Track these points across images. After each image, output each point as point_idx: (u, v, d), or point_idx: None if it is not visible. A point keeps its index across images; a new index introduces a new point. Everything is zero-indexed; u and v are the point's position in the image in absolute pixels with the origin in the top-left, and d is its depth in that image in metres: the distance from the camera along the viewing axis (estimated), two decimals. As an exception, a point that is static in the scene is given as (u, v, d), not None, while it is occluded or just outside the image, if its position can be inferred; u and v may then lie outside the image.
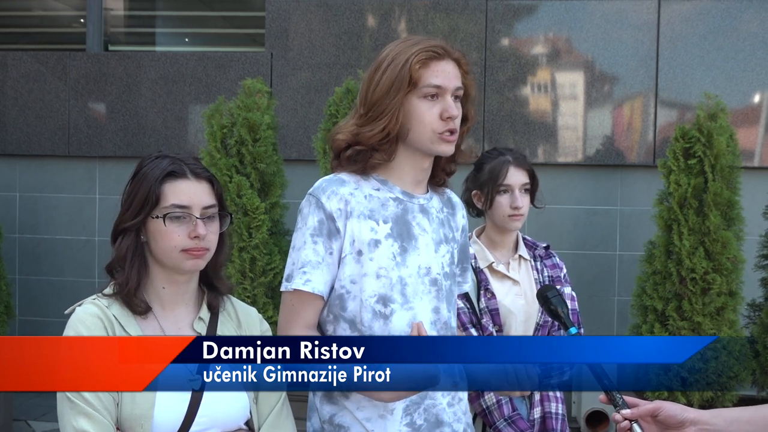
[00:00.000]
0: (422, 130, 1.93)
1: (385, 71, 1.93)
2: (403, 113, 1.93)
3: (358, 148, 1.95)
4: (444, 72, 1.94)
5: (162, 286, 1.86)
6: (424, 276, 1.98)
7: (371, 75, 1.97)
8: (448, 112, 1.92)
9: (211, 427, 1.82)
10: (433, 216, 2.04)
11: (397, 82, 1.91)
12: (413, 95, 1.92)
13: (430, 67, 1.92)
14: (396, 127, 1.92)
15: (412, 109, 1.93)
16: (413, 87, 1.92)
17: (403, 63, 1.91)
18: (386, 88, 1.91)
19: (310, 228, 1.94)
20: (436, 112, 1.93)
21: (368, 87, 1.96)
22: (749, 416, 1.67)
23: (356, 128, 1.95)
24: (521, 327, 2.67)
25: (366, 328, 1.93)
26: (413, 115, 1.93)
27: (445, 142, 1.95)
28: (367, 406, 1.94)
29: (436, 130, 1.93)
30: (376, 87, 1.93)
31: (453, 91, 1.95)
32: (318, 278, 1.93)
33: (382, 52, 1.99)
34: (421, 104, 1.93)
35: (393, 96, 1.91)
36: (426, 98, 1.93)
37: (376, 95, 1.93)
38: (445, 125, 1.93)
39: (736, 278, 4.12)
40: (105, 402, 1.72)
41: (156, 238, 1.81)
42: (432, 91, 1.92)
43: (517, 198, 2.68)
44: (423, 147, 1.96)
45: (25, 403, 5.57)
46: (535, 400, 2.66)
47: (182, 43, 6.38)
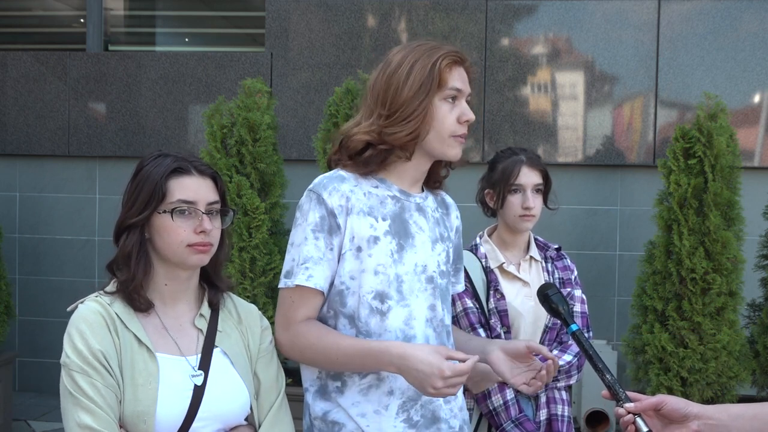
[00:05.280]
0: (441, 132, 1.97)
1: (410, 72, 1.95)
2: (430, 114, 1.96)
3: (382, 147, 1.97)
4: (462, 77, 2.00)
5: (164, 283, 1.86)
6: (421, 273, 1.99)
7: (389, 77, 1.97)
8: (466, 116, 1.98)
9: (212, 422, 1.82)
10: (429, 215, 2.07)
11: (426, 83, 1.94)
12: (436, 97, 1.96)
13: (452, 70, 1.98)
14: (425, 128, 1.95)
15: (435, 110, 1.96)
16: (440, 89, 1.96)
17: (432, 64, 1.95)
18: (415, 89, 1.94)
19: (311, 224, 1.94)
20: (454, 115, 1.97)
21: (388, 88, 1.96)
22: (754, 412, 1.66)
23: (380, 128, 1.96)
24: (530, 329, 2.66)
25: (363, 324, 1.94)
26: (435, 117, 1.96)
27: (457, 146, 1.99)
28: (362, 402, 1.95)
29: (453, 132, 1.97)
30: (402, 88, 1.95)
31: (467, 95, 2.01)
32: (319, 274, 1.94)
33: (393, 54, 2.01)
34: (442, 106, 1.96)
35: (422, 97, 1.94)
36: (447, 100, 1.97)
37: (404, 96, 1.94)
38: (461, 128, 1.98)
39: (736, 278, 4.12)
40: (108, 398, 1.72)
41: (161, 234, 1.82)
42: (453, 93, 1.97)
43: (529, 198, 2.67)
44: (436, 149, 1.99)
45: (25, 403, 5.57)
46: (541, 402, 2.65)
47: (182, 43, 6.38)
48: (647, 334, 4.16)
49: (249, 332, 1.96)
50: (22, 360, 5.75)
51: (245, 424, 1.89)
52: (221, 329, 1.92)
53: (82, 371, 1.72)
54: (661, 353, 4.11)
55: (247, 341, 1.95)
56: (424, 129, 1.95)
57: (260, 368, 1.95)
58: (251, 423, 1.91)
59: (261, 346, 1.97)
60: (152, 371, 1.77)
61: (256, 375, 1.94)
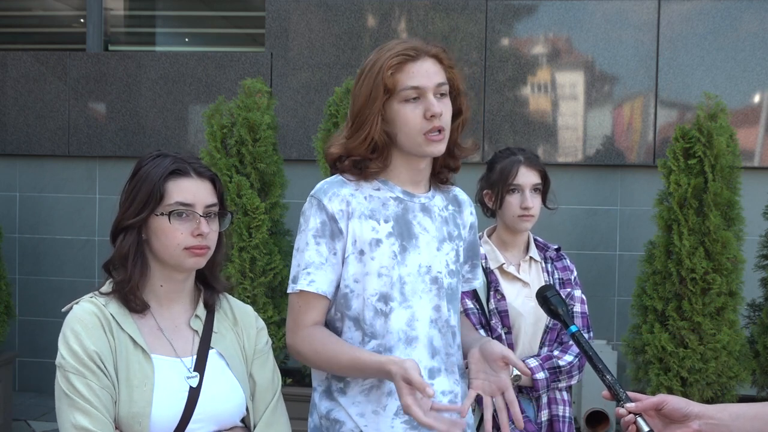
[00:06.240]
0: (409, 133, 1.93)
1: (363, 82, 1.95)
2: (385, 121, 1.94)
3: (354, 159, 1.97)
4: (420, 72, 1.93)
5: (160, 284, 1.86)
6: (425, 274, 1.99)
7: (354, 86, 1.99)
8: (430, 111, 1.91)
9: (207, 424, 1.81)
10: (436, 214, 2.05)
11: (373, 91, 1.92)
12: (393, 101, 1.93)
13: (404, 70, 1.92)
14: (378, 136, 1.93)
15: (394, 114, 1.94)
16: (390, 93, 1.92)
17: (377, 71, 1.92)
18: (364, 98, 1.93)
19: (313, 229, 1.96)
20: (419, 113, 1.92)
21: (352, 99, 1.98)
22: (755, 412, 1.66)
23: (345, 140, 1.98)
24: (530, 329, 2.66)
25: (368, 326, 1.95)
26: (397, 120, 1.94)
27: (433, 143, 1.94)
28: (362, 402, 1.96)
29: (421, 130, 1.92)
30: (356, 98, 1.96)
31: (434, 89, 1.94)
32: (322, 279, 1.95)
33: (364, 61, 2.00)
34: (402, 108, 1.93)
35: (371, 105, 1.92)
36: (407, 101, 1.93)
37: (357, 106, 1.95)
38: (429, 124, 1.92)
39: (736, 278, 4.12)
40: (103, 399, 1.72)
41: (158, 236, 1.81)
42: (411, 93, 1.92)
43: (528, 198, 2.67)
44: (413, 150, 1.96)
45: (25, 403, 5.57)
46: (542, 403, 2.65)
47: (182, 43, 6.38)
48: (647, 334, 4.16)
49: (244, 333, 1.96)
50: (22, 360, 5.76)
51: (240, 425, 1.89)
52: (217, 330, 1.91)
53: (77, 372, 1.72)
54: (661, 353, 4.11)
55: (242, 342, 1.94)
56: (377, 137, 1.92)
57: (256, 369, 1.94)
58: (247, 424, 1.91)
59: (256, 347, 1.96)
60: (147, 373, 1.77)
61: (251, 376, 1.93)
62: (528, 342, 2.66)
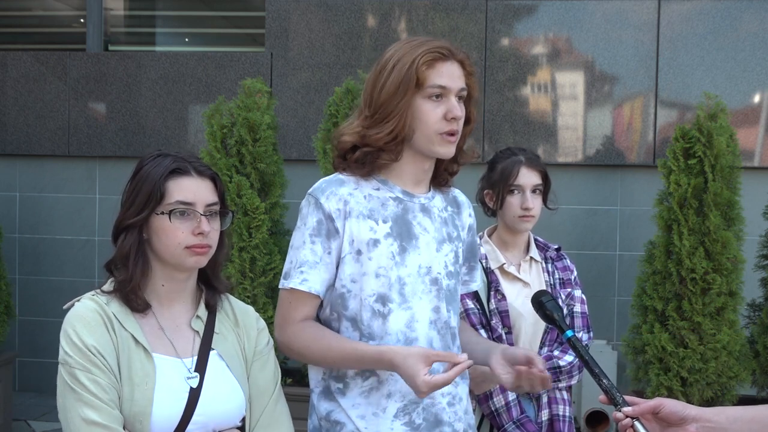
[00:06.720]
0: (426, 131, 1.93)
1: (391, 72, 1.93)
2: (410, 114, 1.93)
3: (366, 150, 1.96)
4: (449, 73, 1.94)
5: (161, 284, 1.86)
6: (425, 275, 1.98)
7: (376, 77, 1.96)
8: (452, 113, 1.92)
9: (207, 425, 1.81)
10: (435, 215, 2.04)
11: (404, 83, 1.91)
12: (418, 96, 1.93)
13: (435, 67, 1.92)
14: (404, 129, 1.93)
15: (416, 109, 1.93)
16: (419, 88, 1.92)
17: (410, 64, 1.91)
18: (393, 89, 1.91)
19: (309, 228, 1.95)
20: (440, 113, 1.93)
21: (373, 89, 1.96)
22: (752, 415, 1.66)
23: (363, 130, 1.95)
24: (530, 329, 2.66)
25: (366, 327, 1.94)
26: (418, 116, 1.93)
27: (446, 144, 1.95)
28: (362, 404, 1.95)
29: (438, 130, 1.93)
30: (382, 89, 1.93)
31: (457, 92, 1.95)
32: (315, 278, 1.94)
33: (385, 53, 1.99)
34: (425, 104, 1.93)
35: (400, 97, 1.91)
36: (430, 99, 1.93)
37: (383, 97, 1.93)
38: (448, 125, 1.93)
39: (736, 278, 4.12)
40: (110, 394, 1.72)
41: (159, 235, 1.81)
42: (437, 91, 1.93)
43: (528, 199, 2.66)
44: (425, 148, 1.96)
45: (25, 403, 5.57)
46: (543, 403, 2.65)
47: (182, 43, 6.39)
48: (647, 334, 4.16)
49: (245, 334, 1.95)
50: (22, 360, 5.75)
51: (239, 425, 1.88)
52: (218, 331, 1.91)
53: (83, 368, 1.71)
54: (661, 353, 4.11)
55: (243, 343, 1.94)
56: (404, 130, 1.92)
57: (256, 370, 1.94)
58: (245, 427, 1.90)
59: (257, 348, 1.96)
60: (149, 371, 1.77)
61: (251, 377, 1.93)
62: (528, 342, 2.66)
